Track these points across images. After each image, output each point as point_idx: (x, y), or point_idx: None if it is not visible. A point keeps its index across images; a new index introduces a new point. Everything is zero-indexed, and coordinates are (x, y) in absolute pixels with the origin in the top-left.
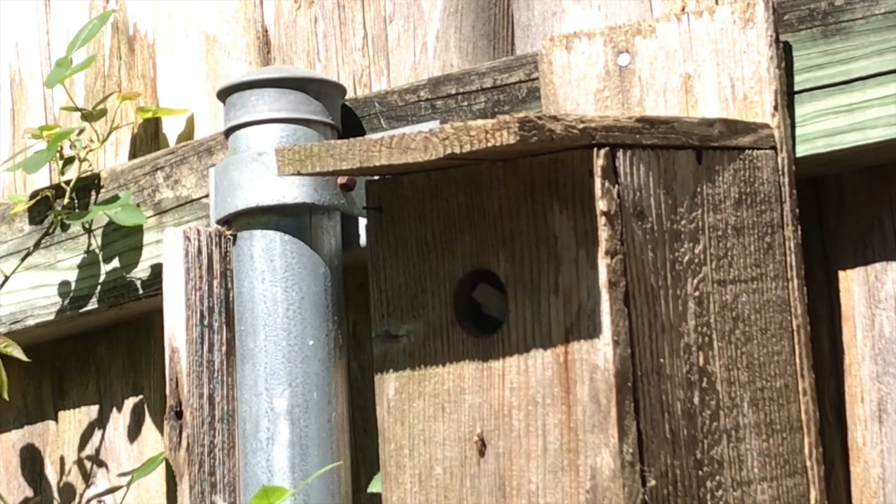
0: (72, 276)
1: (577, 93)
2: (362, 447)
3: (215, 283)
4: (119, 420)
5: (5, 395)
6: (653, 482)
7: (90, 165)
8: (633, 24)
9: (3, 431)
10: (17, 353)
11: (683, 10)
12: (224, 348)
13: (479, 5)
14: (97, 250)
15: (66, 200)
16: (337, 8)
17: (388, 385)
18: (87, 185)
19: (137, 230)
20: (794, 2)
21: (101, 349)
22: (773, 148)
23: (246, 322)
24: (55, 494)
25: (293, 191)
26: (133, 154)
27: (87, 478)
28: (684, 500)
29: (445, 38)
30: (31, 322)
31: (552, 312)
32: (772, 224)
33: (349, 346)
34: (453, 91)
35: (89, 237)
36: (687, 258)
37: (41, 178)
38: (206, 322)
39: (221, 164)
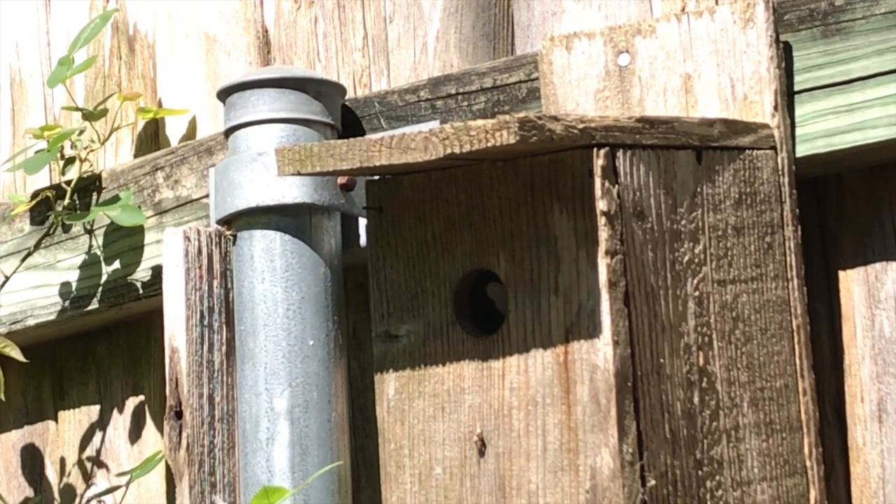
0: (72, 276)
1: (577, 93)
2: (362, 447)
3: (215, 283)
4: (119, 420)
5: (1, 396)
6: (653, 482)
7: (91, 166)
8: (633, 24)
9: (3, 431)
10: (16, 353)
11: (683, 10)
12: (224, 348)
13: (479, 5)
14: (97, 250)
15: (66, 201)
16: (337, 8)
17: (388, 385)
18: (88, 186)
19: (138, 230)
20: (794, 2)
21: (101, 349)
22: (773, 148)
23: (246, 322)
24: (55, 494)
25: (293, 191)
26: (133, 154)
27: (87, 478)
28: (684, 500)
29: (445, 38)
30: (31, 322)
31: (552, 312)
32: (772, 224)
33: (349, 346)
34: (453, 91)
35: (90, 237)
36: (687, 258)
37: (41, 178)
38: (206, 322)
39: (221, 164)
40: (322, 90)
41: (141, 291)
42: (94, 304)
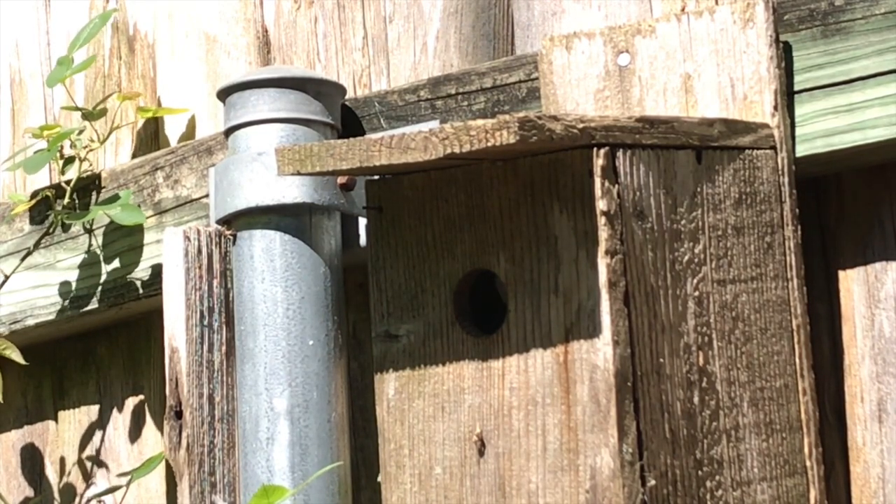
0: (71, 275)
1: (577, 93)
2: (362, 447)
3: (215, 283)
4: (119, 420)
5: (0, 398)
6: (653, 482)
7: (90, 165)
8: (633, 24)
9: (3, 431)
10: (16, 356)
11: (683, 10)
12: (224, 348)
13: (479, 5)
14: (97, 250)
15: (66, 200)
16: (337, 8)
17: (388, 385)
18: (88, 185)
19: (138, 230)
20: (794, 2)
21: (101, 349)
22: (773, 148)
23: (246, 322)
24: (55, 495)
25: (293, 191)
26: (133, 154)
27: (87, 478)
28: (684, 499)
29: (445, 38)
30: (30, 322)
31: (552, 312)
32: (772, 224)
33: (349, 346)
34: (453, 91)
35: (90, 237)
36: (687, 258)
37: (41, 178)
38: (206, 322)
39: (221, 164)
40: (322, 90)
41: (141, 291)
42: (94, 304)
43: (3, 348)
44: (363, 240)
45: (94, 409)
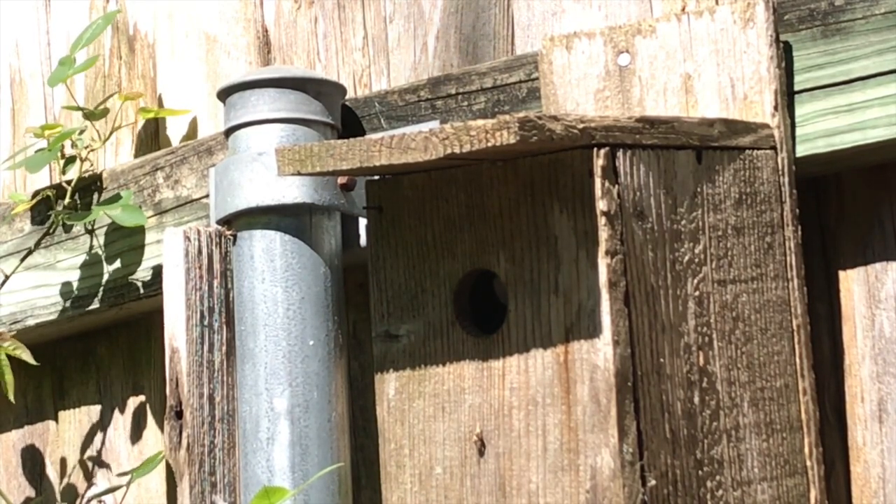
0: (72, 276)
1: (577, 93)
2: (362, 447)
3: (215, 283)
4: (119, 420)
5: (11, 397)
6: (653, 482)
7: (91, 165)
8: (633, 24)
9: (3, 431)
10: (26, 356)
11: (683, 10)
12: (224, 348)
13: (479, 5)
14: (98, 250)
15: (67, 200)
16: (337, 8)
17: (388, 385)
18: (89, 185)
19: (138, 230)
20: (794, 2)
21: (102, 349)
22: (773, 148)
23: (246, 322)
24: (56, 495)
25: (293, 191)
26: (134, 154)
27: (87, 478)
28: (684, 499)
29: (445, 38)
30: (31, 322)
31: (552, 312)
32: (772, 224)
33: (349, 346)
34: (453, 91)
35: (91, 238)
36: (687, 258)
37: (42, 178)
38: (206, 322)
39: (221, 164)
40: (322, 90)
41: (141, 291)
42: (95, 304)
43: (14, 348)
44: (363, 240)
45: (95, 409)
